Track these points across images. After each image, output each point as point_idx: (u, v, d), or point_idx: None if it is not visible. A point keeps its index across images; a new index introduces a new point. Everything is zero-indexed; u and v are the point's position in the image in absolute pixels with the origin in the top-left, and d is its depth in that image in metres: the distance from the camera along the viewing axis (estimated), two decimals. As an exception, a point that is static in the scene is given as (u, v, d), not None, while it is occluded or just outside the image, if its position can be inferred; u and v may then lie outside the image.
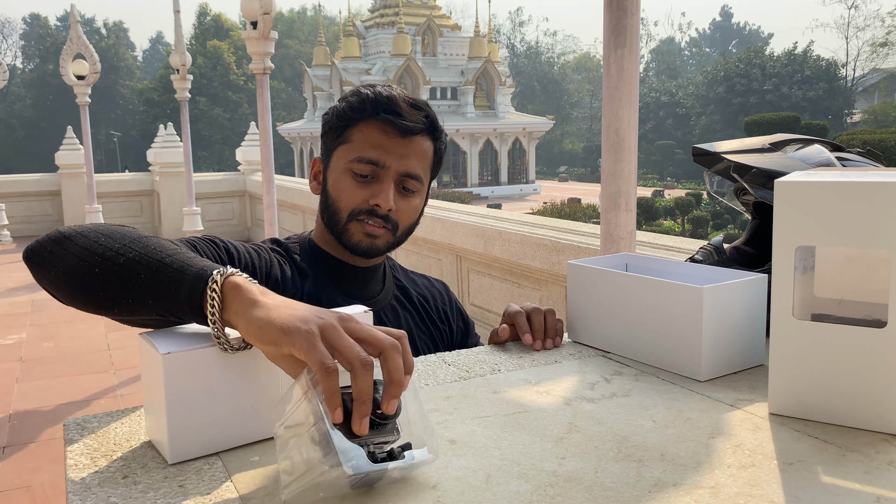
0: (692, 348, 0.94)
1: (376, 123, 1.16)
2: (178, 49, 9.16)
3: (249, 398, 0.76)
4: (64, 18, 52.48)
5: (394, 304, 1.28)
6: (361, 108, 1.17)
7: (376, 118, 1.16)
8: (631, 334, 1.04)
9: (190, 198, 9.42)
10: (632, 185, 2.21)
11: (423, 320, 1.31)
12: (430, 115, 1.20)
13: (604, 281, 1.06)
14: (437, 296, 1.37)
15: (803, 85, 39.52)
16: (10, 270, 8.16)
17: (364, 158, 1.16)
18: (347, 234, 1.19)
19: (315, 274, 1.22)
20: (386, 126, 1.16)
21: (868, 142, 15.66)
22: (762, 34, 68.58)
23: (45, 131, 41.09)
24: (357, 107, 1.17)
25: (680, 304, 0.95)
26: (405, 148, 1.17)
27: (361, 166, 1.16)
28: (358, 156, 1.16)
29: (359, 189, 1.17)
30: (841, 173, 0.85)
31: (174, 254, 0.80)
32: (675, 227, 20.24)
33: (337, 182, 1.19)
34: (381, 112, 1.16)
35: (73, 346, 5.16)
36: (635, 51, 2.17)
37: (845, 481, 0.68)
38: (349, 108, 1.18)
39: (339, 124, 1.19)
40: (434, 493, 0.67)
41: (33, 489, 3.05)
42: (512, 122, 36.89)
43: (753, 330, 0.98)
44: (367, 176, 1.17)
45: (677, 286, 0.95)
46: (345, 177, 1.18)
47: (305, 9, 61.87)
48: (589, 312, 1.10)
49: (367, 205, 1.17)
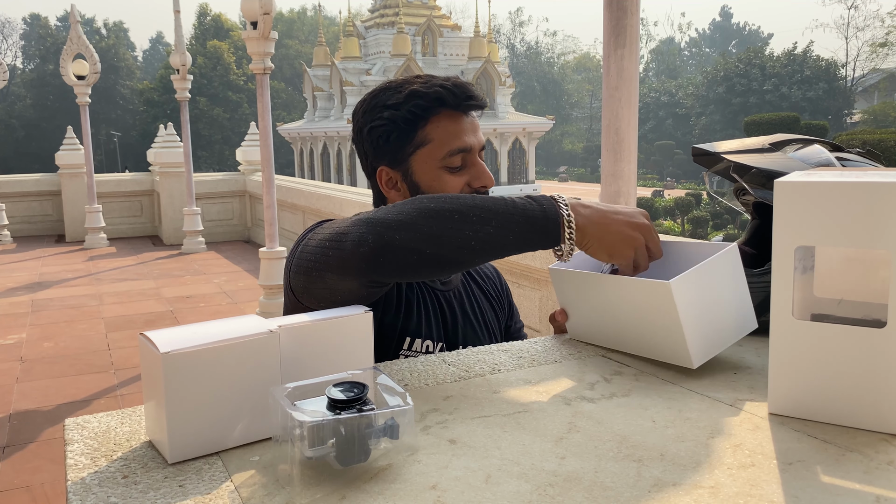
0: (676, 340, 0.95)
1: (449, 114, 1.18)
2: (178, 49, 9.16)
3: (249, 398, 0.76)
4: (64, 18, 52.48)
5: (466, 283, 1.34)
6: (437, 104, 1.18)
7: (445, 108, 1.18)
8: (619, 331, 1.04)
9: (190, 198, 9.42)
10: (632, 185, 2.21)
11: (487, 297, 1.37)
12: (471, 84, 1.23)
13: (580, 283, 1.07)
14: (493, 275, 1.44)
15: (803, 85, 39.52)
16: (10, 270, 8.16)
17: (455, 150, 1.19)
18: None
19: None
20: (453, 113, 1.18)
21: (868, 142, 15.65)
22: (762, 34, 68.55)
23: (45, 131, 41.08)
24: (428, 105, 1.18)
25: (654, 299, 0.95)
26: (475, 124, 1.22)
27: (455, 159, 1.19)
28: (448, 150, 1.18)
29: (457, 178, 1.20)
30: (841, 173, 0.85)
31: (506, 208, 0.95)
32: (675, 227, 20.24)
33: (435, 181, 1.20)
34: (461, 102, 1.19)
35: (73, 346, 5.16)
36: (635, 51, 2.17)
37: (845, 481, 0.68)
38: (419, 109, 1.18)
39: (405, 129, 1.19)
40: (434, 493, 0.67)
41: (33, 489, 3.05)
42: (512, 122, 36.88)
43: (737, 299, 0.98)
44: (460, 166, 1.20)
45: (646, 283, 0.95)
46: (441, 174, 1.20)
47: (305, 9, 61.85)
48: (579, 313, 1.11)
49: (470, 188, 1.21)
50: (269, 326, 0.78)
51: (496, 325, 1.37)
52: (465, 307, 1.31)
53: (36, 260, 8.84)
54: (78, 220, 10.37)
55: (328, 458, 0.69)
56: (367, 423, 0.68)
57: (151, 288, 7.19)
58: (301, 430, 0.66)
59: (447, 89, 1.18)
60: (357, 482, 0.69)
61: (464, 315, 1.30)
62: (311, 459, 0.69)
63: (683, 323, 0.92)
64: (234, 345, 0.75)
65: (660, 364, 1.01)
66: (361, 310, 0.86)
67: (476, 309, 1.33)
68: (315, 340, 0.82)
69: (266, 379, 0.77)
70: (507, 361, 1.05)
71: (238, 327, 0.78)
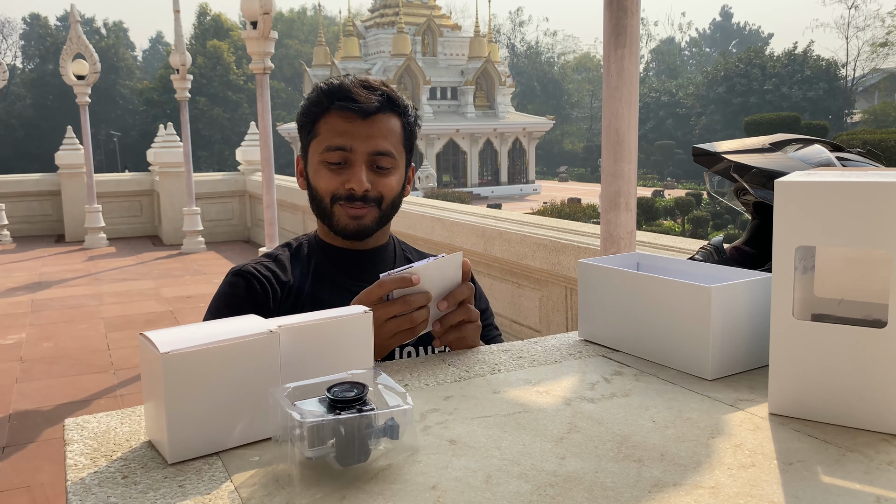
0: (700, 347, 0.95)
1: (337, 112, 1.23)
2: (178, 49, 9.16)
3: (249, 398, 0.76)
4: (64, 18, 52.44)
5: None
6: (319, 102, 1.25)
7: (333, 108, 1.23)
8: (640, 333, 1.04)
9: (190, 198, 9.42)
10: (632, 185, 2.21)
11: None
12: (385, 92, 1.27)
13: (614, 280, 1.07)
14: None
15: (803, 85, 39.53)
16: (10, 270, 8.16)
17: (332, 146, 1.23)
18: (334, 219, 1.26)
19: (322, 264, 1.30)
20: (345, 112, 1.23)
21: (868, 142, 15.66)
22: (762, 34, 68.55)
23: (45, 131, 41.05)
24: (316, 101, 1.25)
25: (688, 303, 0.95)
26: (369, 129, 1.24)
27: (331, 154, 1.24)
28: (326, 146, 1.24)
29: (334, 176, 1.25)
30: (841, 173, 0.85)
31: None
32: (675, 227, 20.25)
33: (315, 174, 1.27)
34: (335, 101, 1.23)
35: (73, 346, 5.16)
36: (635, 51, 2.17)
37: (845, 481, 0.68)
38: (311, 104, 1.26)
39: (306, 121, 1.27)
40: (434, 493, 0.67)
41: (33, 489, 3.05)
42: (512, 122, 36.89)
43: (760, 330, 0.99)
44: (339, 163, 1.24)
45: (686, 285, 0.96)
46: (320, 168, 1.25)
47: (305, 9, 61.88)
48: (599, 311, 1.10)
49: (344, 189, 1.24)
50: (269, 326, 0.78)
51: None
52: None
53: (36, 260, 8.84)
54: (78, 220, 10.37)
55: (328, 458, 0.69)
56: (367, 423, 0.68)
57: (151, 288, 7.19)
58: (301, 431, 0.66)
59: (329, 88, 1.24)
60: (357, 482, 0.68)
61: None
62: (311, 459, 0.69)
63: (712, 330, 0.93)
64: (234, 345, 0.75)
65: (660, 365, 1.01)
66: (361, 310, 0.86)
67: None
68: (315, 340, 0.82)
69: (266, 379, 0.77)
70: (507, 361, 1.05)
71: (238, 327, 0.78)
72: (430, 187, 27.92)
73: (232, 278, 1.26)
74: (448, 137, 35.46)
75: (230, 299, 1.24)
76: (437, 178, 31.76)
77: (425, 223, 4.82)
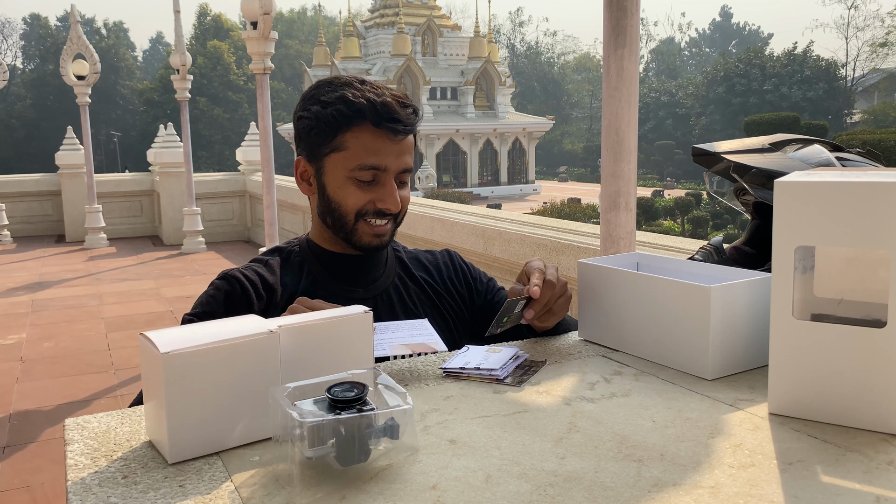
0: (700, 347, 0.95)
1: (372, 129, 1.17)
2: (178, 49, 9.16)
3: (249, 398, 0.76)
4: (64, 18, 52.44)
5: (397, 284, 1.31)
6: (359, 116, 1.17)
7: (368, 123, 1.17)
8: (641, 332, 1.04)
9: (190, 198, 9.42)
10: (632, 185, 2.21)
11: (427, 296, 1.34)
12: (416, 110, 1.23)
13: (614, 280, 1.07)
14: (441, 268, 1.39)
15: (803, 85, 39.52)
16: (11, 270, 8.16)
17: (366, 166, 1.18)
18: (357, 234, 1.23)
19: (314, 269, 1.27)
20: (383, 131, 1.17)
21: (868, 142, 15.64)
22: (762, 34, 68.53)
23: (45, 131, 41.04)
24: (351, 115, 1.17)
25: (688, 303, 0.95)
26: (400, 147, 1.20)
27: (364, 174, 1.19)
28: (359, 164, 1.18)
29: (363, 193, 1.21)
30: (841, 173, 0.85)
31: None
32: (675, 227, 20.24)
33: (340, 189, 1.21)
34: (382, 122, 1.17)
35: (73, 346, 5.16)
36: (635, 51, 2.17)
37: (845, 481, 0.68)
38: (340, 116, 1.17)
39: (326, 129, 1.19)
40: (434, 493, 0.67)
41: (33, 489, 3.05)
42: (512, 122, 36.88)
43: (759, 329, 0.99)
44: (370, 181, 1.20)
45: (685, 285, 0.96)
46: (347, 183, 1.20)
47: (305, 9, 61.85)
48: (599, 311, 1.10)
49: (374, 206, 1.21)
50: (269, 326, 0.78)
51: (441, 321, 1.31)
52: (394, 309, 1.28)
53: (36, 260, 8.84)
54: (78, 220, 10.36)
55: (328, 458, 0.69)
56: (367, 423, 0.68)
57: (151, 288, 7.19)
58: (301, 430, 0.66)
59: (372, 105, 1.16)
60: (357, 482, 0.69)
61: (393, 317, 1.27)
62: (311, 459, 0.69)
63: (712, 329, 0.93)
64: (234, 345, 0.75)
65: (660, 365, 1.01)
66: (361, 310, 0.86)
67: (410, 307, 1.30)
68: (315, 340, 0.82)
69: (266, 379, 0.77)
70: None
71: (238, 327, 0.78)
72: (430, 187, 27.92)
73: (216, 281, 1.24)
74: (448, 137, 35.46)
75: (208, 304, 1.20)
76: (437, 179, 31.76)
77: (425, 223, 4.82)
